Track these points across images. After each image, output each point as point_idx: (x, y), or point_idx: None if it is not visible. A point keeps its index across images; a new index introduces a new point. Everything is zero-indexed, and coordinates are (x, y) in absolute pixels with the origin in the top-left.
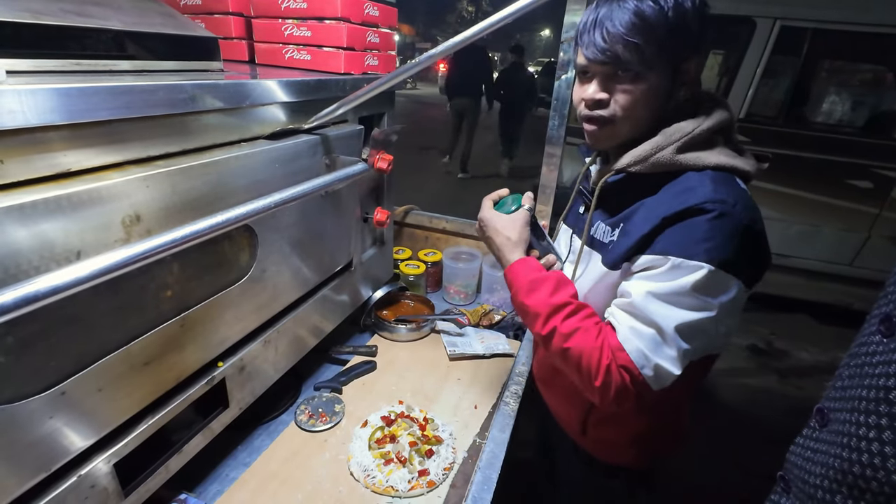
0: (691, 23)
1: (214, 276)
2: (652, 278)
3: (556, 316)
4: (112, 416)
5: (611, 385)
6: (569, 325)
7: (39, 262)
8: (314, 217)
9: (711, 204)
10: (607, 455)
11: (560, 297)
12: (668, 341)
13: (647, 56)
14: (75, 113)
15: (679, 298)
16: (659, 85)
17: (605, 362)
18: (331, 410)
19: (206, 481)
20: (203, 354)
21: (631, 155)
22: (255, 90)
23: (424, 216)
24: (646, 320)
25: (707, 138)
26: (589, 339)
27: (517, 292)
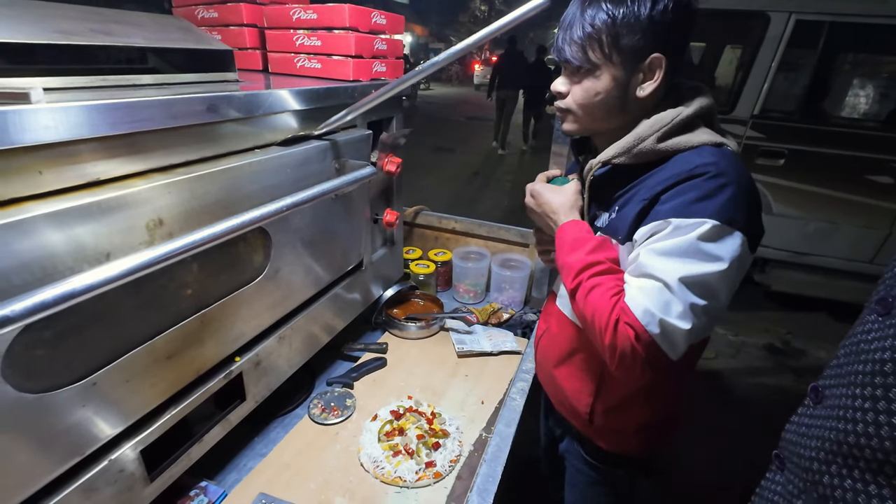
0: (646, 26)
1: (231, 275)
2: (655, 240)
3: (586, 272)
4: (138, 405)
5: (616, 345)
6: (592, 282)
7: (73, 264)
8: (325, 219)
9: (704, 167)
10: (612, 444)
11: (595, 256)
12: (674, 293)
13: (594, 57)
14: (104, 126)
15: (683, 253)
16: (613, 80)
17: (614, 318)
18: (342, 405)
19: (225, 470)
20: (221, 350)
21: (614, 147)
22: (268, 100)
23: (434, 216)
24: (650, 277)
25: (687, 124)
26: (605, 296)
27: (560, 247)
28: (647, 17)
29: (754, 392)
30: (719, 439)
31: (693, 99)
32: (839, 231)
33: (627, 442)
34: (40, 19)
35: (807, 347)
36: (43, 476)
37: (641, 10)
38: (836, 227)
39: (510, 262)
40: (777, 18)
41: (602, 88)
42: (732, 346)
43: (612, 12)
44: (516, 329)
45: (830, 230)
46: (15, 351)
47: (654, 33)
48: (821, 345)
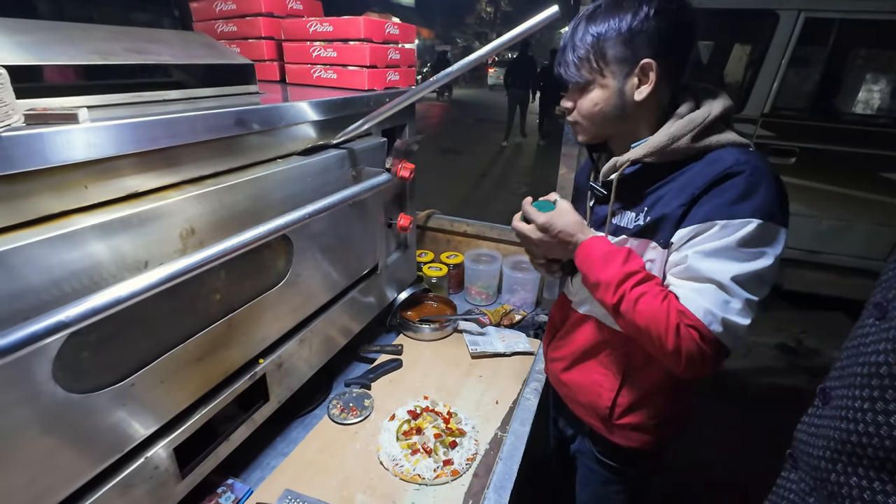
0: (628, 37)
1: (255, 280)
2: (701, 242)
3: (627, 282)
4: (171, 405)
5: (682, 348)
6: (637, 291)
7: (116, 272)
8: (343, 225)
9: (740, 166)
10: (628, 440)
11: (631, 266)
12: (730, 293)
13: (587, 73)
14: (144, 142)
15: (732, 253)
16: (608, 90)
17: (674, 323)
18: (361, 405)
19: (249, 468)
20: (246, 352)
21: (647, 146)
22: (290, 112)
23: (446, 220)
24: (703, 279)
25: (715, 124)
26: (655, 303)
27: (590, 265)
28: (627, 28)
29: (767, 392)
30: (731, 439)
31: (714, 99)
32: (853, 229)
33: (643, 437)
34: (78, 41)
35: (821, 347)
36: (85, 473)
37: (622, 24)
38: (850, 225)
39: (522, 265)
40: (786, 16)
41: (600, 99)
42: (745, 345)
43: (596, 31)
44: (529, 330)
45: (844, 228)
46: (64, 354)
47: (638, 41)
48: (835, 344)
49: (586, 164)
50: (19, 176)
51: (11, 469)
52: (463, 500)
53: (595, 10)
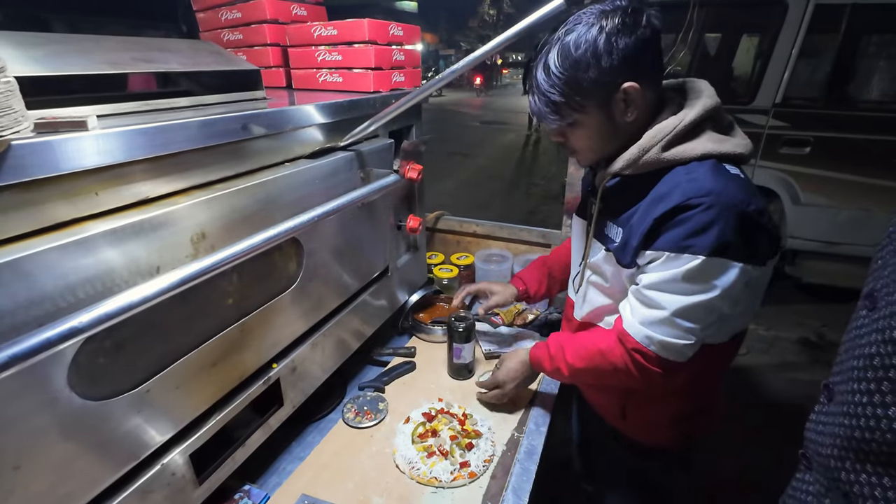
0: (598, 67)
1: (267, 284)
2: (652, 270)
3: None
4: (187, 411)
5: (629, 366)
6: (573, 351)
7: (129, 277)
8: (352, 227)
9: (696, 199)
10: (646, 437)
11: (554, 346)
12: (670, 322)
13: (567, 114)
14: (153, 148)
15: (675, 285)
16: (596, 121)
17: (619, 351)
18: (375, 408)
19: (266, 474)
20: (260, 356)
21: (621, 160)
22: (296, 115)
23: (455, 221)
24: (648, 304)
25: (691, 129)
26: (597, 345)
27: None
28: (593, 59)
29: (789, 388)
30: (754, 436)
31: (695, 101)
32: (872, 218)
33: (662, 434)
34: (89, 52)
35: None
36: (104, 479)
37: (587, 55)
38: (870, 215)
39: None
40: (795, 4)
41: (590, 131)
42: (764, 340)
43: (562, 70)
44: (542, 330)
45: (863, 218)
46: (79, 361)
47: (610, 69)
48: None
49: (588, 174)
50: (32, 184)
51: (31, 476)
52: (481, 503)
53: (552, 50)
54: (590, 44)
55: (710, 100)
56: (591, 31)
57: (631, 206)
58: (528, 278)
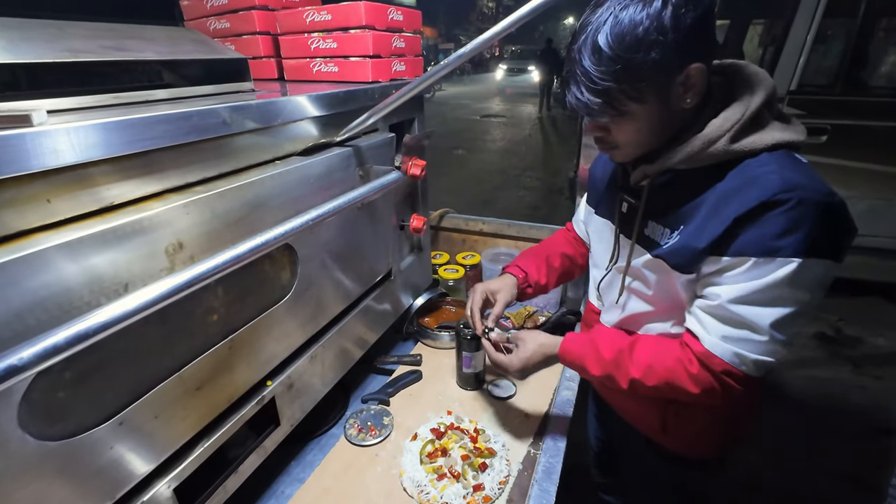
0: (658, 47)
1: (258, 296)
2: (736, 280)
3: (622, 359)
4: (169, 441)
5: (715, 389)
6: (637, 361)
7: (90, 297)
8: (351, 229)
9: (785, 194)
10: (684, 447)
11: (614, 345)
12: (764, 337)
13: (622, 107)
14: (115, 146)
15: (768, 295)
16: (652, 112)
17: (695, 371)
18: (380, 423)
19: (263, 498)
20: (252, 375)
21: (681, 153)
22: (286, 107)
23: (460, 219)
24: (736, 322)
25: (757, 117)
26: (666, 359)
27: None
28: (658, 37)
29: (808, 385)
30: (776, 438)
31: (755, 87)
32: (892, 208)
33: (700, 443)
34: (50, 39)
35: (862, 335)
36: None
37: (647, 34)
38: (891, 204)
39: None
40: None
41: (643, 122)
42: None
43: (615, 54)
44: (555, 332)
45: (884, 208)
46: (33, 398)
47: (676, 48)
48: (878, 331)
49: (603, 158)
50: None
51: None
52: None
53: (602, 30)
54: (653, 19)
55: (768, 82)
56: (653, 5)
57: (683, 205)
58: (524, 263)
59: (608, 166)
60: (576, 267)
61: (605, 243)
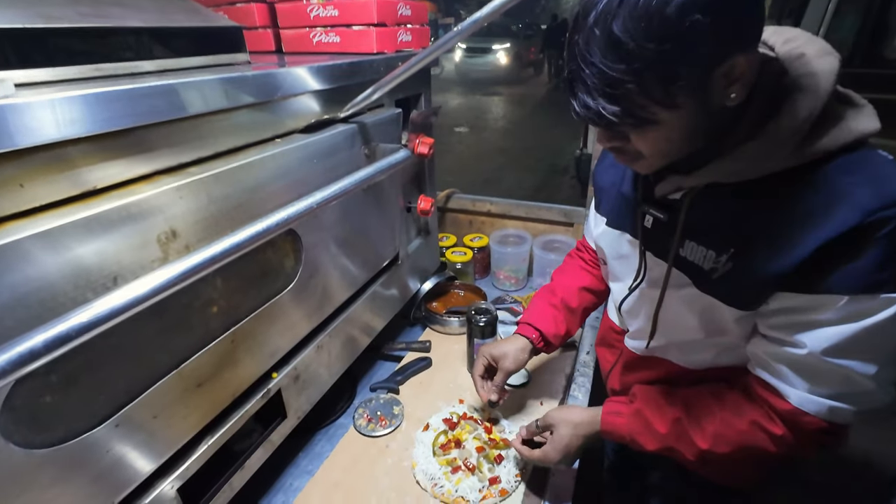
0: (698, 37)
1: (260, 285)
2: (826, 323)
3: (682, 428)
4: (170, 441)
5: (803, 448)
6: (706, 434)
7: (75, 293)
8: (357, 212)
9: (884, 212)
10: (723, 478)
11: (663, 422)
12: (869, 386)
13: (642, 111)
14: (97, 122)
15: (873, 342)
16: (690, 108)
17: (779, 433)
18: (389, 413)
19: (271, 492)
20: (256, 368)
21: (733, 162)
22: (286, 80)
23: (467, 199)
24: (834, 376)
25: (829, 105)
26: (738, 425)
27: (634, 438)
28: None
29: None
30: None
31: (822, 62)
32: None
33: (740, 471)
34: (21, 3)
35: None
36: None
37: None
38: None
39: (554, 244)
40: None
41: (674, 131)
42: None
43: (640, 48)
44: None
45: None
46: (15, 405)
47: (719, 36)
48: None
49: (610, 159)
50: None
51: None
52: None
53: (619, 16)
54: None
55: (833, 56)
56: None
57: (733, 223)
58: (538, 318)
59: (617, 170)
60: (600, 294)
61: (627, 259)
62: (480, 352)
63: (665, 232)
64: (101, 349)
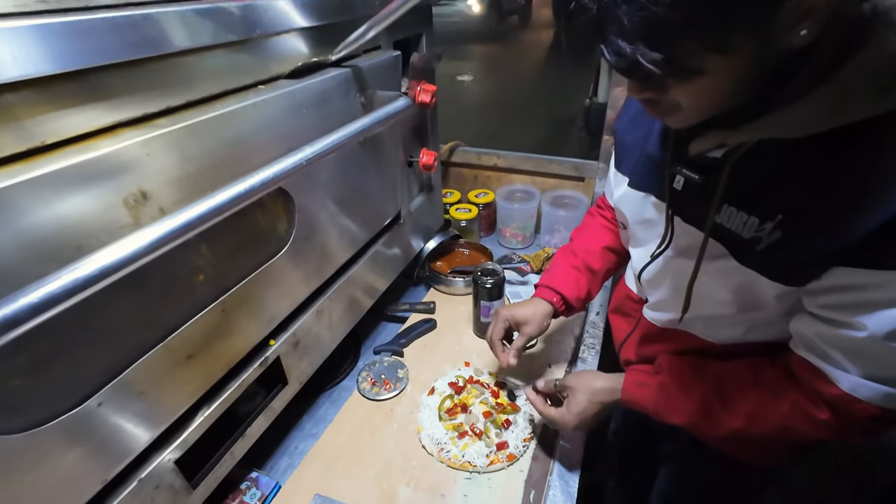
0: None
1: (251, 250)
2: (886, 301)
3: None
4: (163, 415)
5: (849, 433)
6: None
7: (33, 266)
8: (354, 167)
9: None
10: (747, 455)
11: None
12: None
13: (688, 57)
14: (41, 62)
15: None
16: (741, 55)
17: (824, 417)
18: (394, 376)
19: (276, 455)
20: (252, 337)
21: (793, 114)
22: (266, 14)
23: (472, 152)
24: (893, 360)
25: None
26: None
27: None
28: None
29: None
30: None
31: None
32: None
33: (768, 451)
34: None
35: None
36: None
37: None
38: None
39: (563, 200)
40: None
41: (725, 81)
42: None
43: None
44: None
45: None
46: None
47: None
48: None
49: (634, 111)
50: None
51: None
52: (523, 491)
53: None
54: None
55: None
56: None
57: (783, 186)
58: (559, 281)
59: (643, 124)
60: (623, 255)
61: (651, 224)
62: (499, 315)
63: (699, 195)
64: (73, 326)
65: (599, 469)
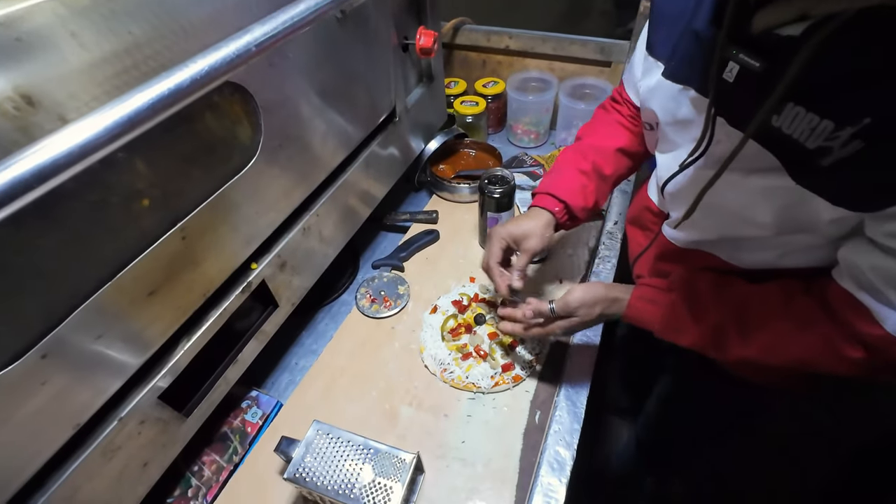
0: None
1: (207, 165)
2: None
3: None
4: (133, 354)
5: (881, 371)
6: (758, 343)
7: None
8: (333, 52)
9: None
10: (761, 378)
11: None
12: None
13: None
14: None
15: None
16: None
17: (858, 356)
18: (394, 293)
19: (276, 372)
20: (228, 263)
21: None
22: None
23: (481, 32)
24: None
25: None
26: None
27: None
28: None
29: None
30: None
31: None
32: None
33: (792, 380)
34: None
35: None
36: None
37: None
38: None
39: (584, 91)
40: None
41: None
42: None
43: None
44: None
45: None
46: None
47: None
48: None
49: None
50: None
51: None
52: (529, 411)
53: None
54: None
55: None
56: None
57: (870, 79)
58: (564, 187)
59: None
60: (638, 158)
61: (686, 126)
62: (495, 234)
63: (755, 90)
64: None
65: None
